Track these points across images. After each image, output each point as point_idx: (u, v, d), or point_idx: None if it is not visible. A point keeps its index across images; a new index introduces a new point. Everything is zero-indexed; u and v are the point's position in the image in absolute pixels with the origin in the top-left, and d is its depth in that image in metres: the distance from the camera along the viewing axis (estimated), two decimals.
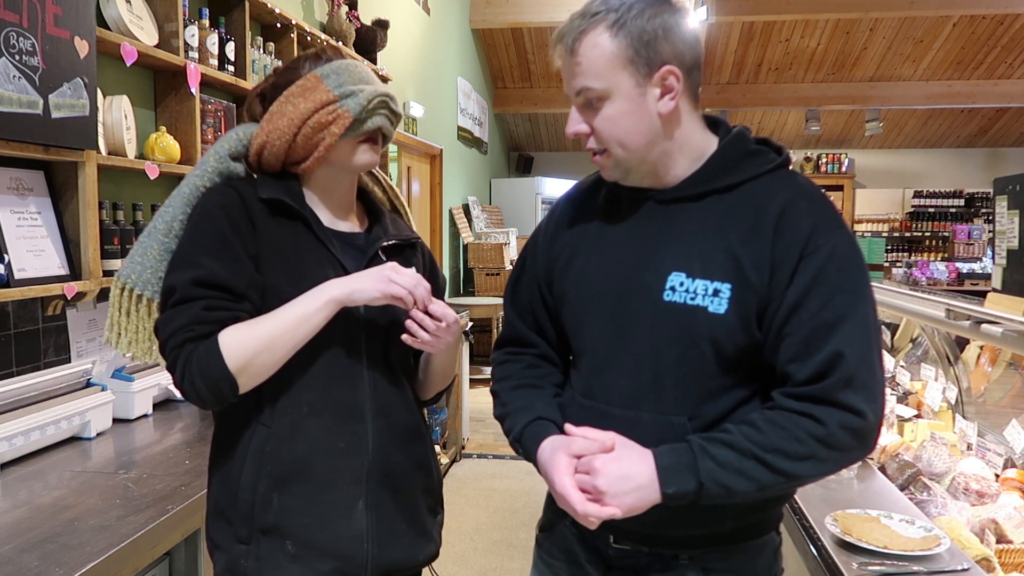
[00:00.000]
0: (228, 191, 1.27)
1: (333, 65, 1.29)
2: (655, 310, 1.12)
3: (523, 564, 3.41)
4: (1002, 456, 2.07)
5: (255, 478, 1.24)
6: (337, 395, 1.27)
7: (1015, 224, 1.98)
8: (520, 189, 9.14)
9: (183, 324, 1.18)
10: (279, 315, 1.21)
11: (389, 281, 1.22)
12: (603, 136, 1.12)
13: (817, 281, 1.05)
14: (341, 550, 1.26)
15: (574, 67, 1.11)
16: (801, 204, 1.10)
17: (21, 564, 1.26)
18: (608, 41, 1.08)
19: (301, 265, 1.26)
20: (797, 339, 1.05)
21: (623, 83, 1.09)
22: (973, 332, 2.10)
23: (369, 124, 1.28)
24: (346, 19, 4.05)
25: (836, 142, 10.99)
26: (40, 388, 1.91)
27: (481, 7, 7.71)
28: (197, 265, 1.20)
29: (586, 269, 1.20)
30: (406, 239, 1.41)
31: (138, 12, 2.34)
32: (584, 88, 1.10)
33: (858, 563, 1.46)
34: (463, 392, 4.91)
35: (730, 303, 1.08)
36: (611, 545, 1.21)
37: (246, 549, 1.25)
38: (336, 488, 1.26)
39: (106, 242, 2.13)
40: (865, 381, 1.04)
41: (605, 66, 1.08)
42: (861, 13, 7.37)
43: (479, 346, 7.13)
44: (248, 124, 1.34)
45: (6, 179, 1.90)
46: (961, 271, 8.24)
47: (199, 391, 1.18)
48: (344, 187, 1.35)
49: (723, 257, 1.09)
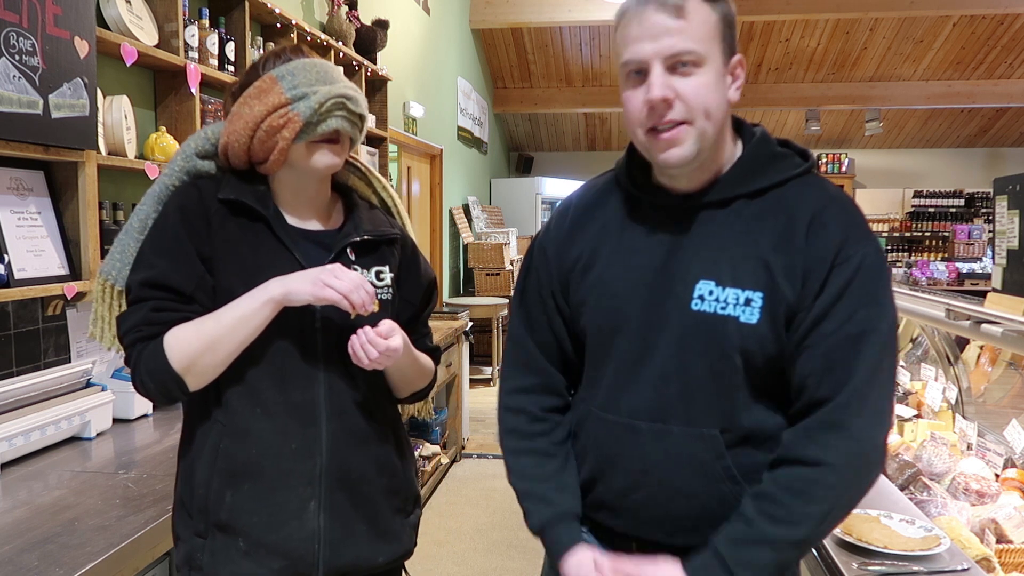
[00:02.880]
0: (190, 191, 1.28)
1: (290, 66, 1.26)
2: (683, 320, 1.09)
3: (523, 564, 3.41)
4: (1002, 456, 2.07)
5: (210, 474, 1.25)
6: (292, 396, 1.26)
7: (1015, 224, 1.98)
8: (520, 189, 9.14)
9: (133, 324, 1.22)
10: (221, 315, 1.21)
11: (323, 284, 1.19)
12: (693, 103, 1.05)
13: (845, 292, 1.04)
14: (291, 550, 1.25)
15: (678, 28, 1.04)
16: (833, 211, 1.08)
17: (21, 564, 1.26)
18: (710, 11, 1.06)
19: (257, 265, 1.25)
20: (818, 352, 1.04)
21: (717, 56, 1.06)
22: (973, 332, 2.10)
23: (323, 127, 1.24)
24: (346, 19, 4.05)
25: (836, 142, 10.98)
26: (40, 388, 1.91)
27: (481, 7, 7.71)
28: (150, 266, 1.24)
29: (607, 277, 1.16)
30: (381, 235, 1.37)
31: (138, 12, 2.34)
32: (688, 51, 1.04)
33: (858, 563, 1.46)
34: (463, 392, 4.90)
35: (762, 312, 1.06)
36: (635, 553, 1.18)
37: (202, 543, 1.26)
38: (287, 489, 1.25)
39: (106, 242, 2.13)
40: (876, 403, 1.04)
41: (709, 33, 1.05)
42: (861, 13, 7.37)
43: (479, 346, 7.12)
44: (220, 123, 1.34)
45: (6, 179, 1.90)
46: (961, 271, 8.24)
47: (149, 390, 1.23)
48: (312, 186, 1.33)
49: (754, 265, 1.07)
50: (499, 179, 9.50)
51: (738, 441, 1.10)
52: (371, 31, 4.31)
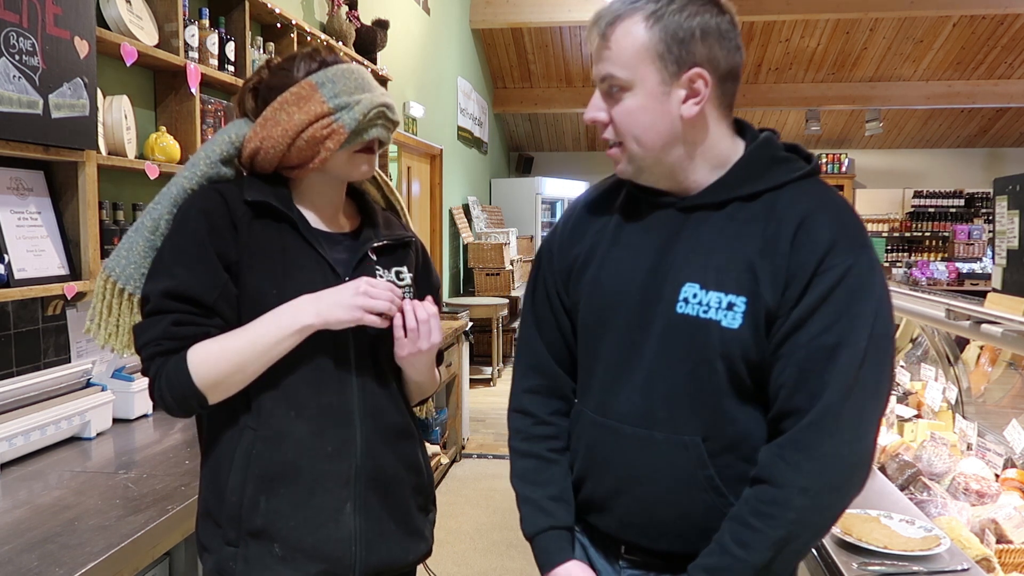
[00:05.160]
0: (212, 195, 1.25)
1: (329, 72, 1.25)
2: (668, 323, 1.08)
3: (523, 564, 3.41)
4: (1002, 456, 2.07)
5: (242, 481, 1.23)
6: (325, 398, 1.25)
7: (1015, 224, 1.98)
8: (520, 189, 9.14)
9: (154, 337, 1.20)
10: (250, 337, 1.19)
11: (362, 311, 1.20)
12: (620, 128, 1.08)
13: (824, 302, 1.01)
14: (329, 553, 1.25)
15: (603, 52, 1.07)
16: (822, 217, 1.04)
17: (21, 564, 1.26)
18: (642, 32, 1.04)
19: (286, 267, 1.24)
20: (791, 361, 1.02)
21: (648, 77, 1.04)
22: (973, 332, 2.10)
23: (365, 137, 1.25)
24: (346, 19, 4.05)
25: (836, 142, 10.99)
26: (40, 388, 1.91)
27: (481, 7, 7.71)
28: (171, 275, 1.21)
29: (600, 276, 1.15)
30: (399, 239, 1.38)
31: (138, 12, 2.34)
32: (608, 75, 1.06)
33: (858, 563, 1.46)
34: (463, 392, 4.90)
35: (744, 317, 1.04)
36: (623, 556, 1.19)
37: (234, 551, 1.24)
38: (324, 491, 1.25)
39: (106, 242, 2.13)
40: (850, 421, 1.00)
41: (633, 56, 1.04)
42: (861, 13, 7.37)
43: (479, 346, 7.12)
44: (239, 123, 1.31)
45: (6, 179, 1.90)
46: (961, 271, 8.23)
47: (167, 404, 1.21)
48: (334, 190, 1.34)
49: (740, 269, 1.05)
50: (499, 179, 9.50)
51: (721, 450, 1.08)
52: (371, 31, 4.31)
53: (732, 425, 1.08)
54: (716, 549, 1.05)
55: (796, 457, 1.00)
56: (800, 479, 1.00)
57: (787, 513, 1.00)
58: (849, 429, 1.00)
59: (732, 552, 1.03)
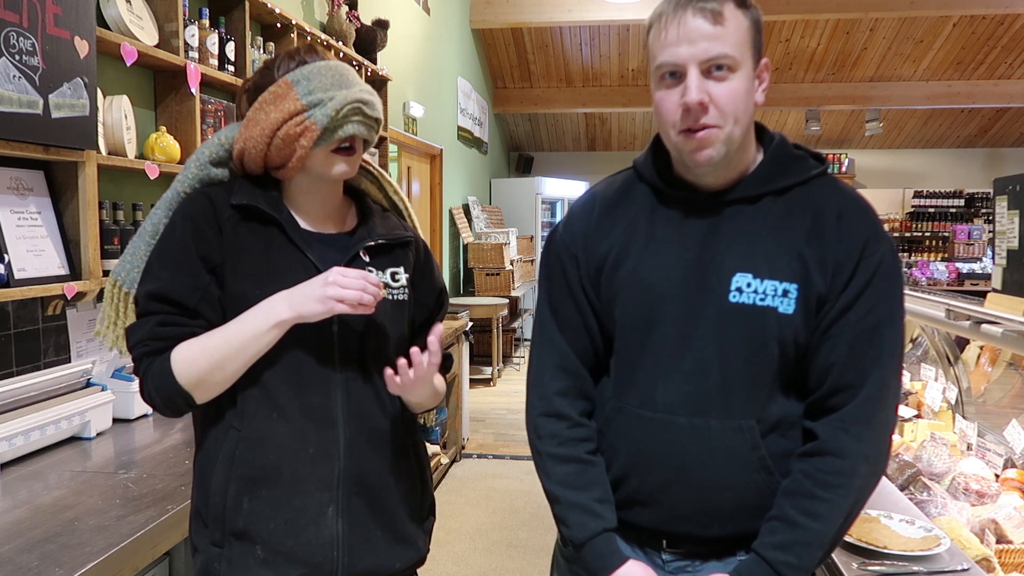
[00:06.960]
0: (201, 199, 1.26)
1: (305, 70, 1.24)
2: (721, 312, 1.12)
3: (523, 564, 3.41)
4: (1002, 456, 2.07)
5: (226, 481, 1.23)
6: (308, 400, 1.24)
7: (1015, 224, 1.98)
8: (520, 189, 9.14)
9: (141, 338, 1.22)
10: (228, 333, 1.19)
11: (332, 300, 1.16)
12: (725, 108, 1.08)
13: (868, 286, 1.10)
14: (310, 557, 1.24)
15: (715, 33, 1.06)
16: (855, 210, 1.14)
17: (21, 564, 1.26)
18: (743, 18, 1.09)
19: (271, 268, 1.24)
20: (842, 340, 1.10)
21: (748, 61, 1.10)
22: (973, 332, 2.10)
23: (340, 133, 1.23)
24: (346, 19, 4.05)
25: (836, 142, 10.99)
26: (40, 388, 1.91)
27: (481, 7, 7.71)
28: (156, 278, 1.23)
29: (640, 270, 1.16)
30: (395, 238, 1.36)
31: (138, 12, 2.34)
32: (724, 56, 1.07)
33: (858, 563, 1.46)
34: (463, 392, 4.90)
35: (797, 303, 1.11)
36: (666, 549, 1.21)
37: (219, 552, 1.24)
38: (305, 494, 1.23)
39: (106, 242, 2.13)
40: (896, 393, 1.13)
41: (742, 38, 1.08)
42: (861, 13, 7.37)
43: (479, 346, 7.13)
44: (232, 126, 1.32)
45: (6, 179, 1.90)
46: (961, 271, 8.24)
47: (156, 403, 1.23)
48: (326, 190, 1.32)
49: (789, 258, 1.12)
50: (499, 179, 9.50)
51: (768, 430, 1.14)
52: (371, 31, 4.31)
53: (776, 405, 1.14)
54: (781, 526, 1.10)
55: (858, 428, 1.10)
56: (863, 447, 1.10)
57: (854, 480, 1.09)
58: (893, 399, 1.13)
59: (803, 525, 1.09)
